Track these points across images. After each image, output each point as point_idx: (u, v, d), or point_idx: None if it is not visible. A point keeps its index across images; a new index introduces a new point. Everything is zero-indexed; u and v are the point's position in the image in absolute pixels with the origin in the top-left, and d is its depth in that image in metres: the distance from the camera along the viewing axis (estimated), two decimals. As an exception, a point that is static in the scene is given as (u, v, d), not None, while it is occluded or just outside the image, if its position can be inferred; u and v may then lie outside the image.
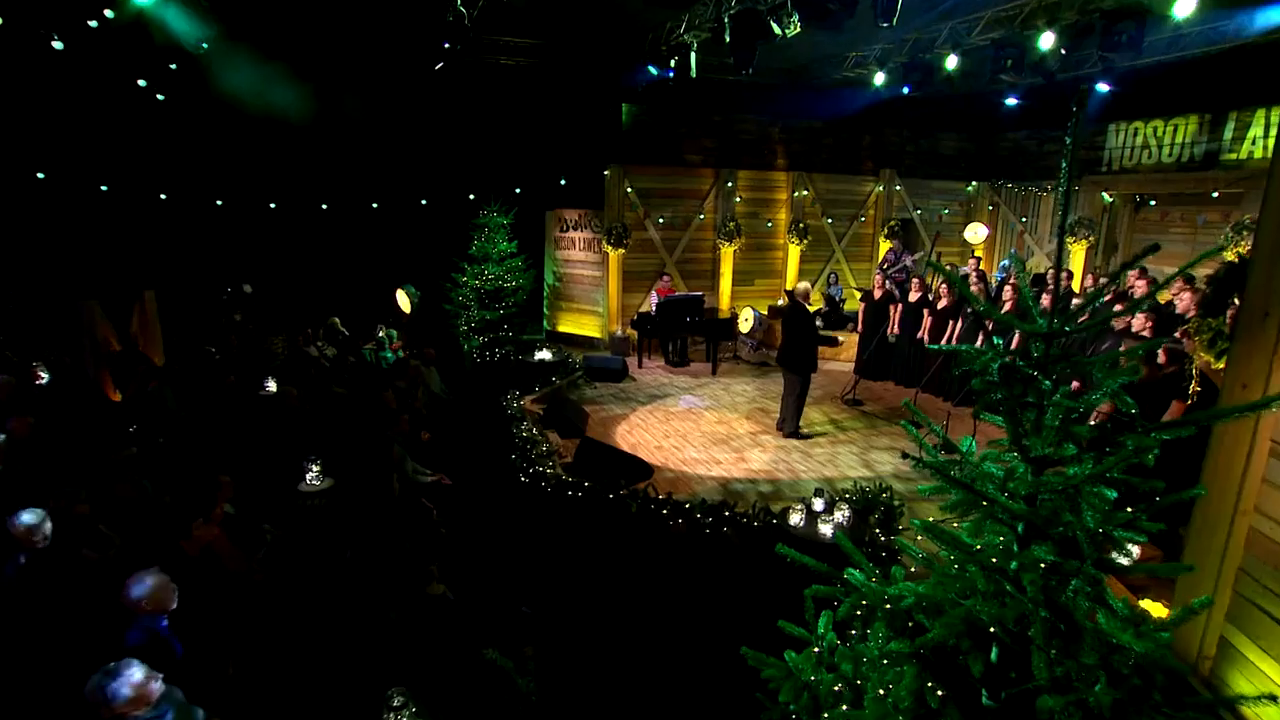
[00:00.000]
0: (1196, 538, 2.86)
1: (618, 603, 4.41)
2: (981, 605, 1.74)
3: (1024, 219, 11.94)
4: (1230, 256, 7.86)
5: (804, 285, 6.82)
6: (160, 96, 7.35)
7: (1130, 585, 3.71)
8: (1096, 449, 1.68)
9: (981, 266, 9.41)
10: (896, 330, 9.01)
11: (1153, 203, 9.90)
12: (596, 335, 11.01)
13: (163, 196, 8.82)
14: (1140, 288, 6.42)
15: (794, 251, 11.63)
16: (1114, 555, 1.71)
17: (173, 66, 7.07)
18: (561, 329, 11.42)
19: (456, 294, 10.28)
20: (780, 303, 11.37)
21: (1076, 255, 10.03)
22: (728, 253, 11.12)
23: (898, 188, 12.19)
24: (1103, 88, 8.74)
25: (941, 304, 8.52)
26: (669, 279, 10.56)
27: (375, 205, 10.31)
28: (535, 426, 6.80)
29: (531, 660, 3.31)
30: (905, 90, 9.19)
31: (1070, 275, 7.90)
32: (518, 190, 10.51)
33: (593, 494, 5.32)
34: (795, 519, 4.75)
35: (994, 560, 1.75)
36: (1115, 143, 10.39)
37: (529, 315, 10.77)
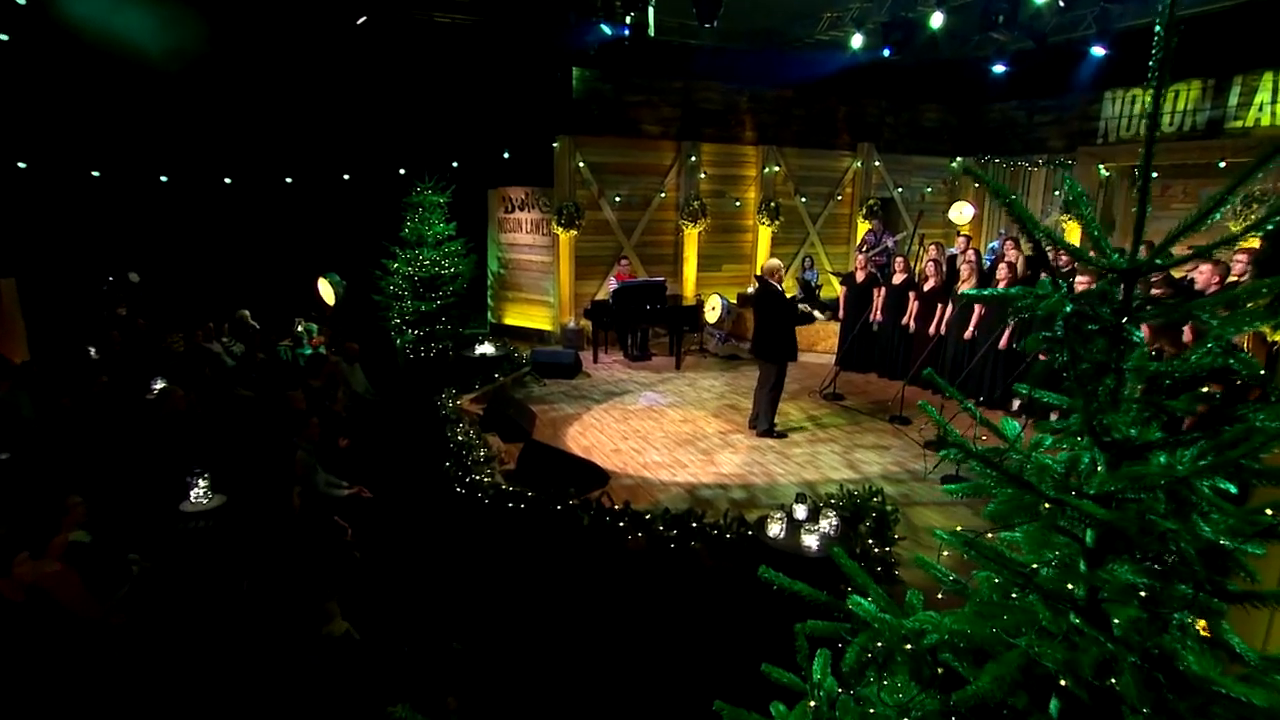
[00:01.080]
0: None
1: (566, 636, 4.06)
2: (1043, 646, 1.34)
3: (1013, 196, 11.77)
4: (1235, 229, 7.80)
5: (775, 262, 6.59)
6: (3, 36, 6.56)
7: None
8: (1208, 428, 1.29)
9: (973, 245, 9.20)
10: (879, 316, 8.88)
11: (1154, 174, 9.77)
12: (546, 328, 10.73)
13: (21, 166, 8.02)
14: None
15: (765, 233, 11.48)
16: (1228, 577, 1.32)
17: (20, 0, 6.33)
18: (508, 321, 11.09)
19: (387, 283, 9.77)
20: (750, 289, 11.20)
21: (1071, 235, 9.99)
22: (692, 235, 10.94)
23: (877, 163, 12.13)
24: (1098, 51, 8.63)
25: (928, 286, 8.38)
26: (627, 264, 10.29)
27: (290, 180, 9.64)
28: (473, 429, 6.42)
29: (455, 716, 2.85)
30: (886, 53, 8.98)
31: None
32: (455, 165, 10.08)
33: (538, 505, 5.01)
34: (775, 529, 4.40)
35: (1064, 585, 1.35)
36: (1111, 111, 10.44)
37: (470, 306, 10.39)
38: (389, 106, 9.78)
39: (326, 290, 9.70)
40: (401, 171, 10.01)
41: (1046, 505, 1.41)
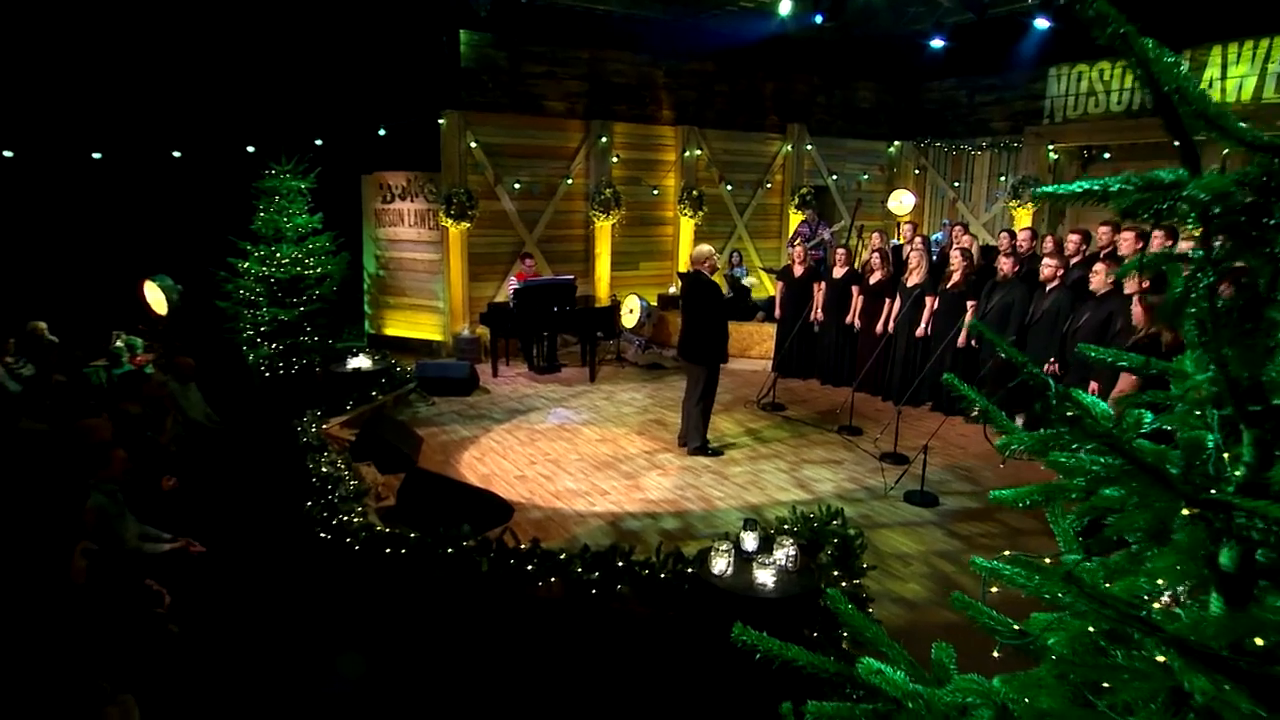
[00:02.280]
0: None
1: (462, 714, 3.55)
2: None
3: (956, 183, 12.32)
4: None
5: (706, 249, 6.39)
6: None
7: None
8: None
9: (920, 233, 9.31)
10: (820, 315, 8.84)
11: (1106, 155, 10.36)
12: (436, 338, 10.23)
13: None
14: (1127, 241, 6.39)
15: (687, 226, 11.42)
16: None
17: None
18: (389, 332, 10.51)
19: (236, 286, 8.93)
20: (673, 290, 11.16)
21: (1021, 221, 10.26)
22: (604, 228, 10.76)
23: (808, 147, 12.23)
24: (1041, 24, 8.85)
25: (874, 279, 8.37)
26: (531, 262, 9.92)
27: (99, 157, 8.62)
28: (343, 458, 5.82)
29: None
30: (818, 20, 8.92)
31: (1034, 234, 7.87)
32: (319, 143, 9.38)
33: (424, 549, 4.52)
34: (720, 565, 4.01)
35: (1204, 633, 0.95)
36: (1058, 89, 10.81)
37: (342, 314, 9.75)
38: (233, 67, 8.97)
39: (156, 297, 8.71)
40: (250, 150, 9.18)
41: (1189, 510, 1.01)
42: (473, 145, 9.74)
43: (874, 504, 5.62)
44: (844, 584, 4.16)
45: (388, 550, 4.59)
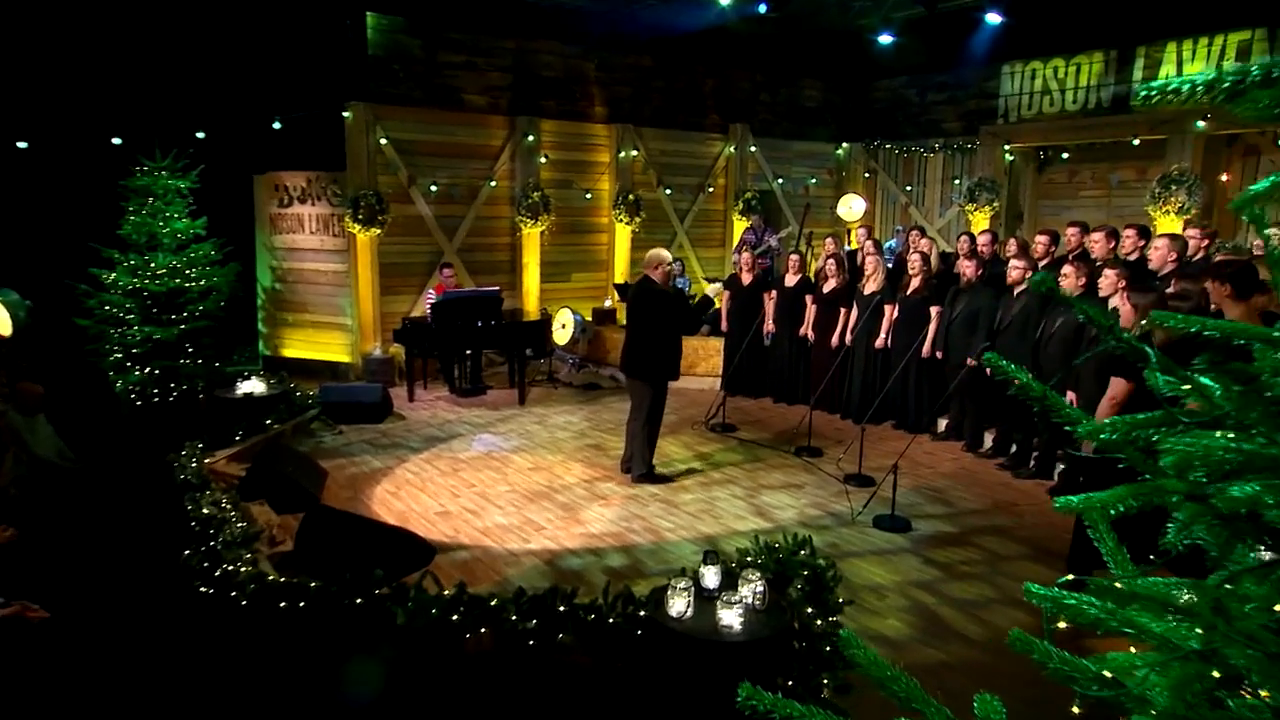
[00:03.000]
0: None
1: None
2: None
3: (908, 187, 12.59)
4: (1156, 215, 8.36)
5: (661, 253, 6.32)
6: None
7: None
8: None
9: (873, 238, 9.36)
10: (772, 327, 8.86)
11: (1065, 156, 10.71)
12: (343, 359, 9.92)
13: None
14: (1099, 242, 6.52)
15: (623, 233, 11.41)
16: None
17: None
18: (289, 353, 10.15)
19: (100, 301, 8.33)
20: (609, 304, 11.15)
21: (977, 226, 10.50)
22: (532, 235, 10.65)
23: (752, 149, 12.34)
24: (993, 19, 9.08)
25: (829, 287, 8.40)
26: (451, 272, 9.72)
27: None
28: (229, 497, 5.44)
29: None
30: (761, 9, 8.97)
31: (994, 237, 8.00)
32: (201, 136, 8.93)
33: (327, 600, 4.16)
34: (679, 605, 3.76)
35: None
36: (1011, 88, 11.16)
37: (232, 333, 9.31)
38: (96, 43, 8.41)
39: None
40: (117, 142, 8.61)
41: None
42: (383, 142, 9.52)
43: (841, 531, 5.55)
44: (819, 622, 3.94)
45: (283, 604, 4.21)
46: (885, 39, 10.53)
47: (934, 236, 10.21)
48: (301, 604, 4.17)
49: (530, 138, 10.39)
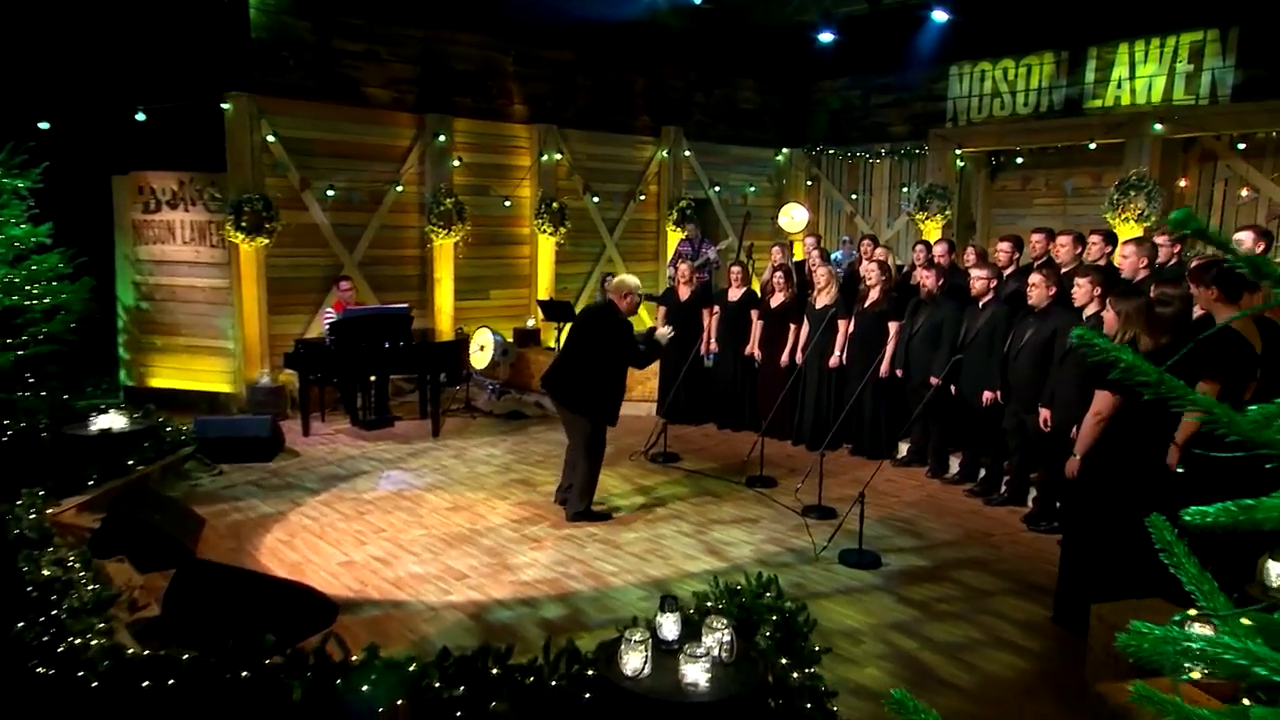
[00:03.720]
0: None
1: None
2: None
3: (854, 195, 12.80)
4: (1115, 222, 8.61)
5: (633, 281, 6.42)
6: None
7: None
8: None
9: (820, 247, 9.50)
10: (714, 346, 8.90)
11: (1019, 160, 11.01)
12: (224, 388, 9.55)
13: None
14: (1065, 247, 6.68)
15: (546, 245, 11.37)
16: None
17: None
18: (157, 382, 9.70)
19: None
20: (531, 323, 11.09)
21: (930, 235, 10.72)
22: (445, 247, 10.50)
23: (686, 154, 12.42)
24: (939, 17, 9.32)
25: (776, 301, 8.44)
26: (351, 287, 9.45)
27: None
28: (78, 554, 5.11)
29: None
30: (695, 0, 8.96)
31: (951, 246, 8.15)
32: (45, 127, 8.43)
33: (203, 675, 3.82)
34: (634, 661, 3.54)
35: None
36: (960, 90, 11.48)
37: (86, 360, 8.91)
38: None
39: None
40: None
41: None
42: (270, 139, 9.22)
43: (805, 569, 5.51)
44: (794, 674, 3.77)
45: (146, 683, 3.81)
46: (826, 37, 10.73)
47: (887, 246, 10.31)
48: (170, 682, 3.78)
49: (441, 138, 10.29)
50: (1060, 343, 5.89)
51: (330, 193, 9.67)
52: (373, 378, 9.05)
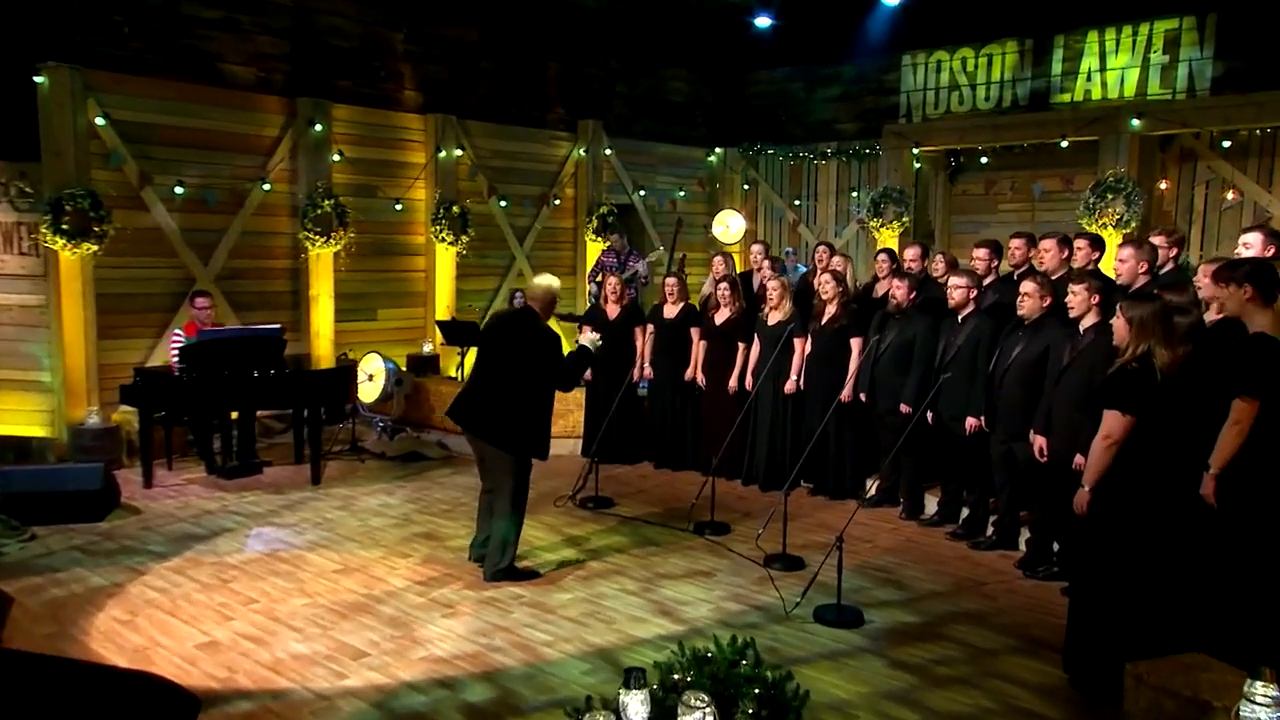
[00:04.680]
0: None
1: None
2: None
3: (797, 201, 12.96)
4: (1091, 229, 8.78)
5: (553, 283, 6.37)
6: None
7: None
8: None
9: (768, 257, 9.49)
10: (649, 371, 8.89)
11: (984, 160, 11.28)
12: (37, 431, 9.19)
13: None
14: (1050, 252, 6.75)
15: (445, 256, 11.33)
16: None
17: None
18: None
19: None
20: (429, 349, 11.04)
21: (886, 240, 10.83)
22: (324, 258, 10.37)
23: (607, 152, 12.46)
24: (890, 0, 9.42)
25: (722, 317, 8.42)
26: (208, 305, 9.16)
27: None
28: None
29: None
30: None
31: (926, 251, 8.25)
32: None
33: None
34: None
35: None
36: (914, 82, 11.75)
37: None
38: None
39: None
40: None
41: None
42: (99, 122, 8.94)
43: (776, 630, 5.42)
44: None
45: None
46: (764, 22, 10.91)
47: (845, 254, 10.39)
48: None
49: (318, 127, 10.13)
50: (1055, 359, 5.91)
51: (179, 190, 9.44)
52: (235, 414, 8.90)
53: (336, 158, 10.33)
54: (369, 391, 9.75)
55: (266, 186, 10.01)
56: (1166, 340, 4.49)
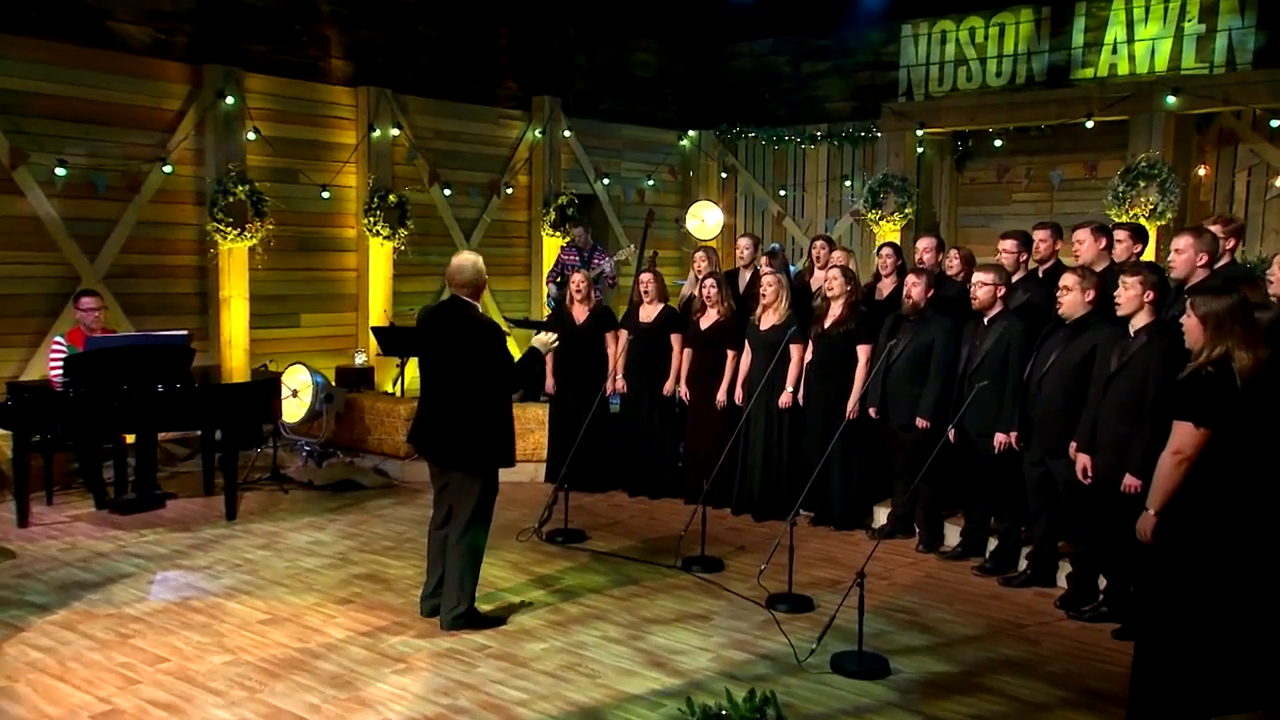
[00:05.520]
0: None
1: None
2: None
3: (782, 190, 12.92)
4: (1117, 217, 8.79)
5: (475, 262, 6.10)
6: None
7: None
8: None
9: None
10: (621, 385, 8.85)
11: (997, 144, 11.31)
12: None
13: None
14: (1085, 244, 6.76)
15: (380, 253, 11.33)
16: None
17: None
18: None
19: None
20: (361, 360, 11.02)
21: (887, 234, 10.88)
22: (237, 253, 10.27)
23: (567, 134, 12.47)
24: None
25: (708, 320, 8.44)
26: (97, 307, 8.91)
27: None
28: None
29: None
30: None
31: (941, 244, 8.23)
32: None
33: None
34: None
35: None
36: (915, 56, 11.77)
37: None
38: None
39: None
40: None
41: None
42: None
43: (789, 682, 5.33)
44: None
45: None
46: None
47: (847, 249, 10.39)
48: None
49: (229, 100, 10.03)
50: (1101, 364, 5.88)
51: (60, 172, 9.31)
52: (131, 438, 8.74)
53: (251, 136, 10.28)
54: (293, 410, 9.66)
55: (167, 169, 9.89)
56: (1247, 341, 4.40)
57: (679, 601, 6.51)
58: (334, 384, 10.20)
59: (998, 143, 11.27)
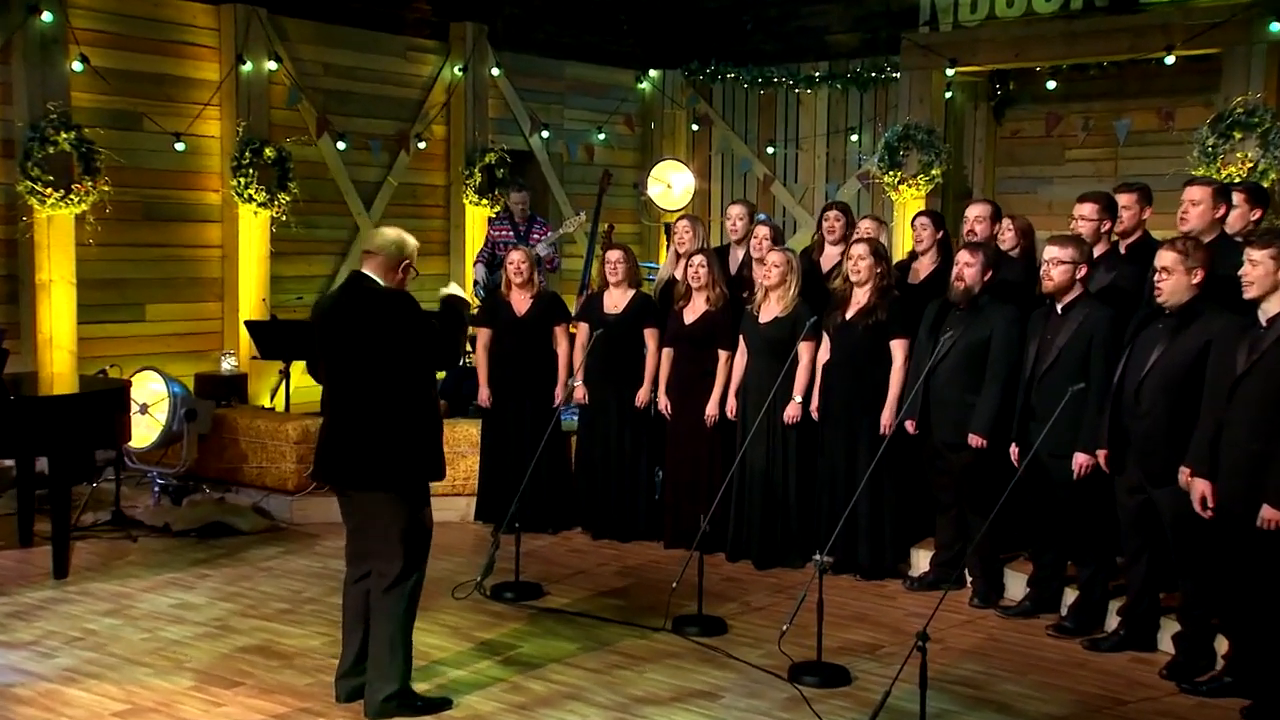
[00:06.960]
0: None
1: None
2: None
3: (770, 147, 12.99)
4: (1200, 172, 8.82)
5: (401, 237, 6.05)
6: None
7: None
8: None
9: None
10: (582, 395, 8.98)
11: (1051, 84, 11.37)
12: None
13: None
14: (1198, 207, 6.64)
15: (253, 225, 11.47)
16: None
17: None
18: None
19: None
20: (229, 366, 11.35)
21: (908, 210, 10.75)
22: (59, 224, 10.32)
23: (495, 72, 12.70)
24: None
25: (694, 312, 8.54)
26: None
27: None
28: None
29: None
30: None
31: (997, 212, 8.22)
32: None
33: None
34: None
35: None
36: None
37: None
38: None
39: None
40: None
41: None
42: None
43: None
44: None
45: None
46: None
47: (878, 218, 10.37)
48: None
49: (46, 16, 9.99)
50: (1221, 363, 5.82)
51: None
52: None
53: (78, 67, 10.27)
54: (142, 431, 9.56)
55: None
56: None
57: (675, 674, 6.43)
58: (196, 396, 10.08)
59: (1050, 84, 11.32)
